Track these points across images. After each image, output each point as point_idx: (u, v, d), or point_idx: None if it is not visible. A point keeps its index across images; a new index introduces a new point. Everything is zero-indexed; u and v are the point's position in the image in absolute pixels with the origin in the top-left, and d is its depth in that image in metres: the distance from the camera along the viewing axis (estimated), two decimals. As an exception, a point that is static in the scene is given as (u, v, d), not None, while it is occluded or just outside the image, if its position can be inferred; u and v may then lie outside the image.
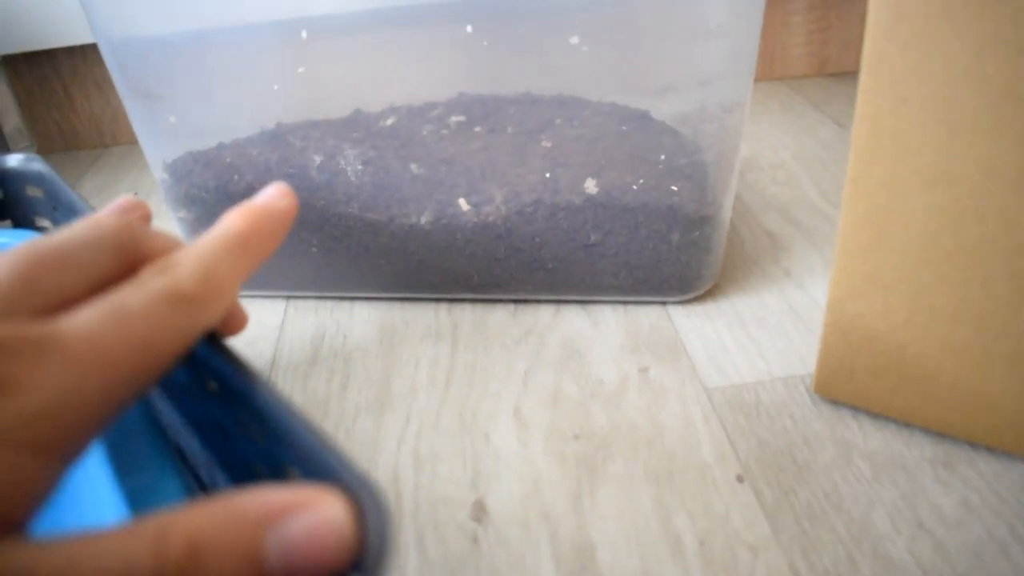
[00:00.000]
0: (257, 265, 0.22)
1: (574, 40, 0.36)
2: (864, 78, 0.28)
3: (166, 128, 0.43)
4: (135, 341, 0.17)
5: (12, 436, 0.15)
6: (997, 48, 0.25)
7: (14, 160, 0.37)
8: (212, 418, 0.23)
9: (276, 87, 0.43)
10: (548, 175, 0.39)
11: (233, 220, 0.22)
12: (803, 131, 0.62)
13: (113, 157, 0.71)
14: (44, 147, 0.72)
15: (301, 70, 0.41)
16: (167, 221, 0.57)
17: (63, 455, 0.16)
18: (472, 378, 0.39)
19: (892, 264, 0.31)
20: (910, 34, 0.27)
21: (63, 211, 0.34)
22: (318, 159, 0.41)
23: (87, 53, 0.69)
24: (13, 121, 0.56)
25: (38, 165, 0.36)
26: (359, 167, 0.40)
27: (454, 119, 0.45)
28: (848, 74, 0.73)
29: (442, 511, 0.32)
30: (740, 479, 0.32)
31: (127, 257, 0.20)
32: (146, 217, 0.25)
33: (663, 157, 0.38)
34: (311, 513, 0.15)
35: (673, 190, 0.38)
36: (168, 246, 0.21)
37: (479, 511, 0.32)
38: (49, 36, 0.66)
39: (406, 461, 0.34)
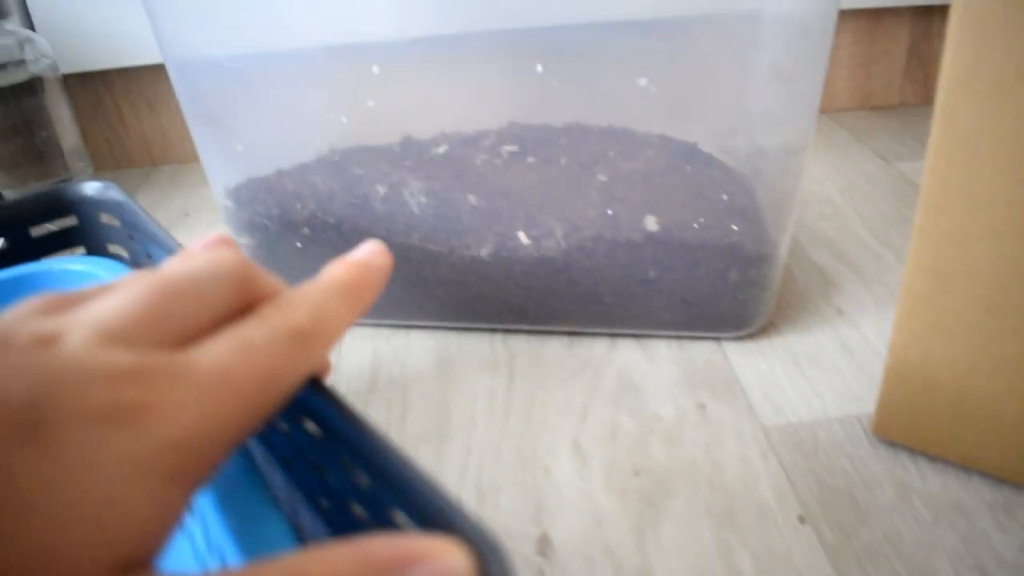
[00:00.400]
0: (359, 316, 0.23)
1: (642, 82, 0.37)
2: (936, 131, 0.29)
3: (231, 155, 0.44)
4: (260, 374, 0.18)
5: (150, 464, 0.16)
6: (1073, 106, 0.26)
7: (91, 188, 0.38)
8: (304, 455, 0.24)
9: (341, 117, 0.44)
10: (610, 211, 0.40)
11: (339, 270, 0.23)
12: (847, 165, 0.63)
13: (163, 176, 0.72)
14: (94, 165, 0.73)
15: (371, 104, 0.42)
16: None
17: (193, 485, 0.17)
18: (530, 410, 0.39)
19: (957, 312, 0.31)
20: (985, 89, 0.27)
21: (142, 239, 0.35)
22: (382, 190, 0.42)
23: (140, 74, 0.70)
24: (72, 140, 0.58)
25: (115, 193, 0.37)
26: (422, 199, 0.41)
27: (507, 149, 0.46)
28: (891, 108, 0.74)
29: (507, 545, 0.32)
30: (801, 519, 0.33)
31: (245, 293, 0.21)
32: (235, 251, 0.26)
33: (725, 197, 0.38)
34: (438, 563, 0.16)
35: (733, 229, 0.39)
36: (277, 286, 0.22)
37: (544, 545, 0.32)
38: (105, 57, 0.67)
39: (469, 493, 0.35)
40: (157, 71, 0.70)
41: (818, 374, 0.40)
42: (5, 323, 0.18)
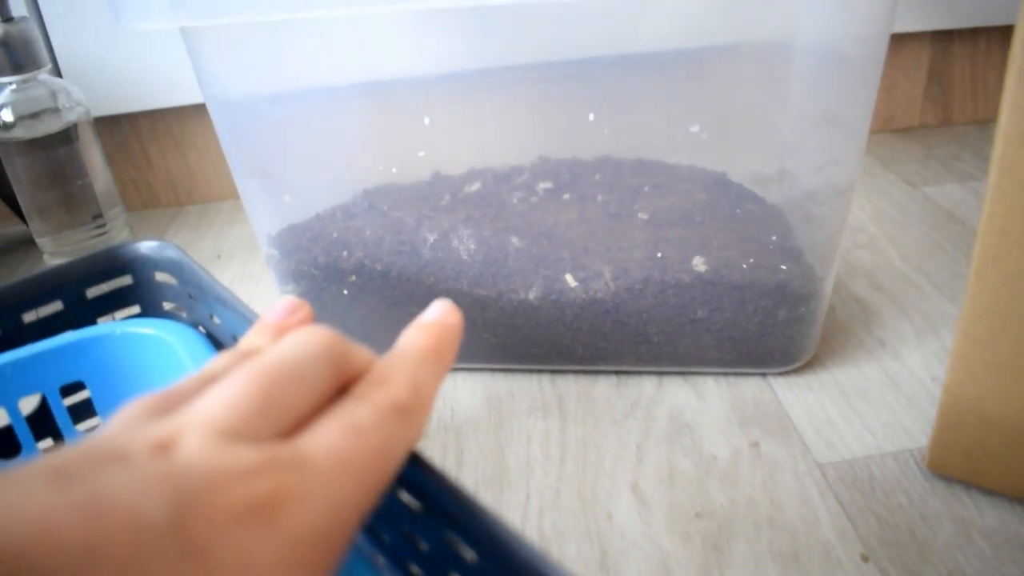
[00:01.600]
0: (444, 378, 0.23)
1: (695, 128, 0.37)
2: (995, 179, 0.29)
3: (277, 203, 0.45)
4: (373, 453, 0.18)
5: (293, 559, 0.16)
6: None
7: (145, 247, 0.38)
8: (399, 529, 0.24)
9: (375, 160, 0.45)
10: (659, 254, 0.40)
11: (421, 336, 0.23)
12: (876, 192, 0.63)
13: (190, 216, 0.72)
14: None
15: (421, 154, 0.42)
16: (261, 289, 0.59)
17: (330, 568, 0.17)
18: (586, 453, 0.40)
19: (1013, 353, 0.32)
20: (1046, 141, 0.28)
21: (205, 300, 0.35)
22: (431, 238, 0.42)
23: (166, 115, 0.71)
24: (104, 185, 0.58)
25: (172, 252, 0.37)
26: (472, 246, 0.42)
27: (541, 186, 0.46)
28: (911, 130, 0.74)
29: (577, 593, 0.33)
30: (865, 558, 0.33)
31: (343, 370, 0.21)
32: (310, 317, 0.27)
33: (774, 238, 0.39)
34: None
35: (782, 269, 0.39)
36: (368, 358, 0.22)
37: (613, 593, 0.33)
38: (132, 100, 0.68)
39: (533, 540, 0.35)
40: (182, 112, 0.71)
41: (867, 408, 0.41)
42: (116, 433, 0.18)
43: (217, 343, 0.35)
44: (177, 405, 0.19)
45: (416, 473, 0.22)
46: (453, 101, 0.44)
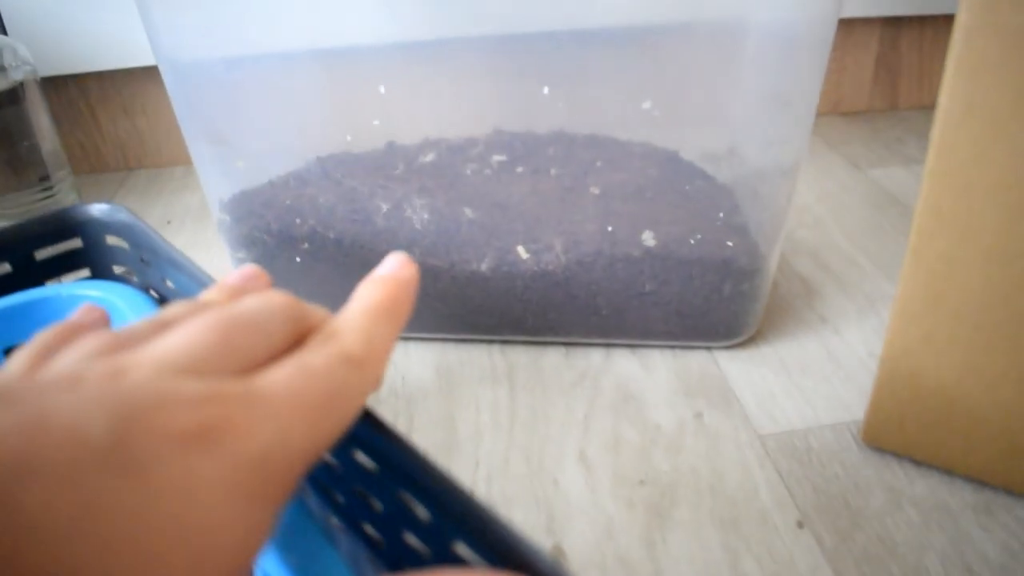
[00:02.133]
0: (399, 332, 0.24)
1: (646, 105, 0.38)
2: (932, 161, 0.31)
3: (230, 169, 0.45)
4: (323, 395, 0.19)
5: (235, 484, 0.16)
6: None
7: (96, 210, 0.38)
8: (347, 484, 0.25)
9: (328, 127, 0.45)
10: (610, 228, 0.41)
11: (374, 291, 0.24)
12: (822, 173, 0.65)
13: (140, 181, 0.71)
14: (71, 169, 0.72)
15: (376, 123, 0.42)
16: (213, 255, 0.58)
17: (276, 504, 0.17)
18: (534, 422, 0.40)
19: (947, 328, 0.33)
20: (980, 126, 0.29)
21: (159, 264, 0.35)
22: (385, 207, 0.42)
23: (116, 77, 0.70)
24: (51, 147, 0.57)
25: (123, 215, 0.37)
26: (425, 216, 0.42)
27: (496, 158, 0.46)
28: (859, 114, 0.76)
29: (523, 556, 0.34)
30: (800, 525, 0.35)
31: (299, 327, 0.21)
32: (268, 285, 0.27)
33: (721, 214, 0.40)
34: None
35: (728, 245, 0.40)
36: (323, 317, 0.23)
37: (558, 556, 0.34)
38: (80, 61, 0.67)
39: (481, 505, 0.36)
40: (132, 74, 0.69)
41: (807, 382, 0.42)
42: (71, 361, 0.18)
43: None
44: (131, 344, 0.19)
45: (370, 432, 0.22)
46: (409, 70, 0.44)
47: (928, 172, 0.31)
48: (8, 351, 0.34)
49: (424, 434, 0.40)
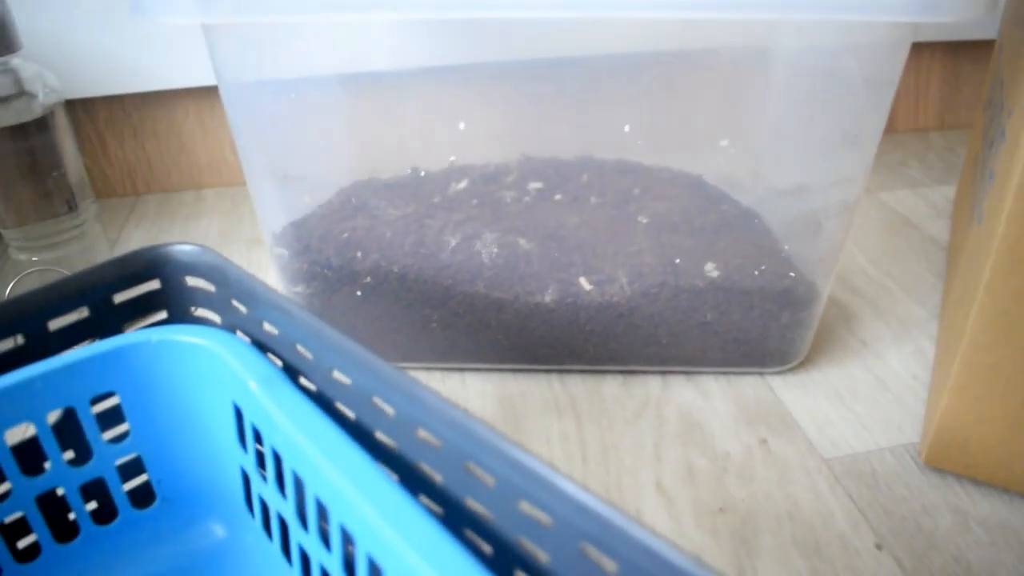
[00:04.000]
0: None
1: (724, 143, 0.39)
2: (1013, 203, 0.32)
3: (290, 203, 0.45)
4: None
5: None
6: None
7: (179, 251, 0.38)
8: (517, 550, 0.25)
9: (367, 152, 0.45)
10: (678, 260, 0.42)
11: None
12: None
13: (150, 206, 0.71)
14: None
15: (407, 148, 0.43)
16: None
17: None
18: (605, 453, 0.41)
19: (1014, 359, 0.35)
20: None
21: (258, 307, 0.34)
22: (453, 241, 0.43)
23: (124, 101, 0.69)
24: (77, 175, 0.56)
25: (210, 257, 0.37)
26: (495, 250, 0.43)
27: (532, 186, 0.47)
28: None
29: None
30: (879, 547, 0.36)
31: None
32: None
33: (787, 247, 0.41)
34: None
35: (791, 276, 0.42)
36: None
37: (656, 586, 0.35)
38: (90, 85, 0.66)
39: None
40: (141, 99, 0.69)
41: (859, 406, 0.44)
42: None
43: (269, 351, 0.35)
44: None
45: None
46: (432, 95, 0.45)
47: (1008, 213, 0.33)
48: (94, 400, 0.34)
49: (500, 467, 0.41)
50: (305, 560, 0.31)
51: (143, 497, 0.36)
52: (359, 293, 0.45)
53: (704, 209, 0.45)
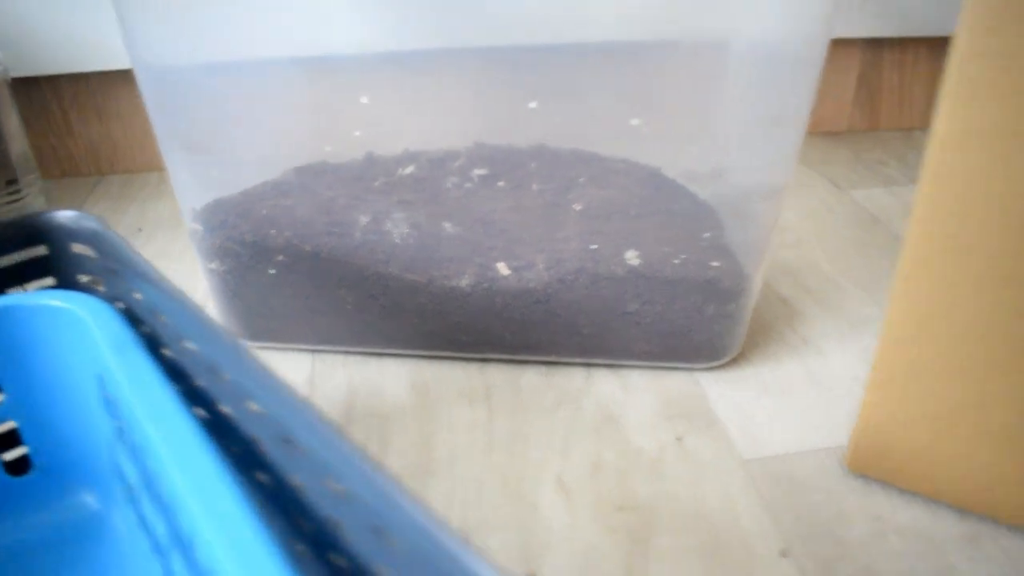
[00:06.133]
0: None
1: (635, 122, 0.37)
2: (925, 186, 0.30)
3: (204, 178, 0.43)
4: None
5: None
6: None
7: (64, 216, 0.37)
8: (321, 513, 0.24)
9: (306, 137, 0.44)
10: (595, 246, 0.40)
11: None
12: (805, 192, 0.64)
13: (112, 186, 0.70)
14: (39, 173, 0.71)
15: (357, 134, 0.41)
16: (185, 265, 0.57)
17: None
18: (512, 444, 0.39)
19: (936, 354, 0.33)
20: (976, 151, 0.28)
21: (128, 275, 0.33)
22: (364, 220, 0.41)
23: (90, 80, 0.68)
24: (20, 146, 0.56)
25: (92, 223, 0.36)
26: (405, 230, 0.41)
27: (476, 172, 0.46)
28: (839, 134, 0.76)
29: (499, 584, 0.33)
30: (784, 554, 0.34)
31: None
32: None
33: (707, 235, 0.39)
34: None
35: (713, 265, 0.39)
36: None
37: (535, 584, 0.33)
38: (54, 62, 0.65)
39: (456, 529, 0.35)
40: (107, 77, 0.68)
41: (789, 405, 0.42)
42: None
43: (136, 319, 0.34)
44: None
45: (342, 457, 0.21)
46: (391, 81, 0.44)
47: (921, 196, 0.30)
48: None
49: (399, 454, 0.39)
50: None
51: (20, 466, 0.35)
52: (272, 271, 0.43)
53: (648, 200, 0.43)
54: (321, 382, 0.44)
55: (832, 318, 0.48)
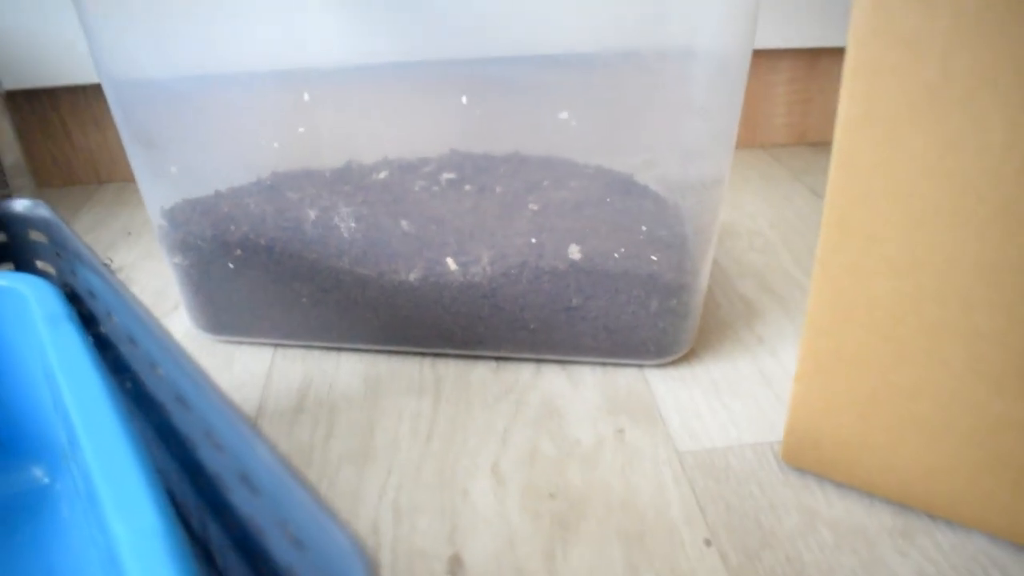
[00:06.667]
0: None
1: (563, 115, 0.38)
2: (834, 171, 0.30)
3: (166, 176, 0.45)
4: None
5: None
6: (959, 148, 0.27)
7: (20, 205, 0.38)
8: (210, 469, 0.24)
9: (274, 142, 0.45)
10: (534, 240, 0.40)
11: None
12: (781, 199, 0.64)
13: (108, 194, 0.72)
14: (40, 182, 0.73)
15: (301, 130, 0.42)
16: (165, 266, 0.58)
17: None
18: (453, 433, 0.40)
19: (857, 342, 0.33)
20: (879, 133, 0.28)
21: (68, 258, 0.35)
22: (313, 214, 0.42)
23: (87, 91, 0.70)
24: (13, 156, 0.58)
25: (43, 211, 0.37)
26: (352, 224, 0.42)
27: (445, 176, 0.46)
28: (826, 144, 0.76)
29: (419, 564, 0.33)
30: (708, 543, 0.34)
31: None
32: None
33: (644, 228, 0.40)
34: None
35: (653, 259, 0.40)
36: None
37: (455, 565, 0.33)
38: (53, 74, 0.67)
39: (386, 514, 0.35)
40: (103, 89, 0.70)
41: (735, 402, 0.42)
42: None
43: (77, 299, 0.35)
44: None
45: (212, 410, 0.22)
46: (371, 94, 0.45)
47: (831, 181, 0.31)
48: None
49: (340, 441, 0.40)
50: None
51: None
52: (231, 265, 0.44)
53: (602, 200, 0.43)
54: (278, 374, 0.45)
55: (791, 319, 0.48)
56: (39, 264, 0.39)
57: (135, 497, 0.22)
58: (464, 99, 0.39)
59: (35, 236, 0.38)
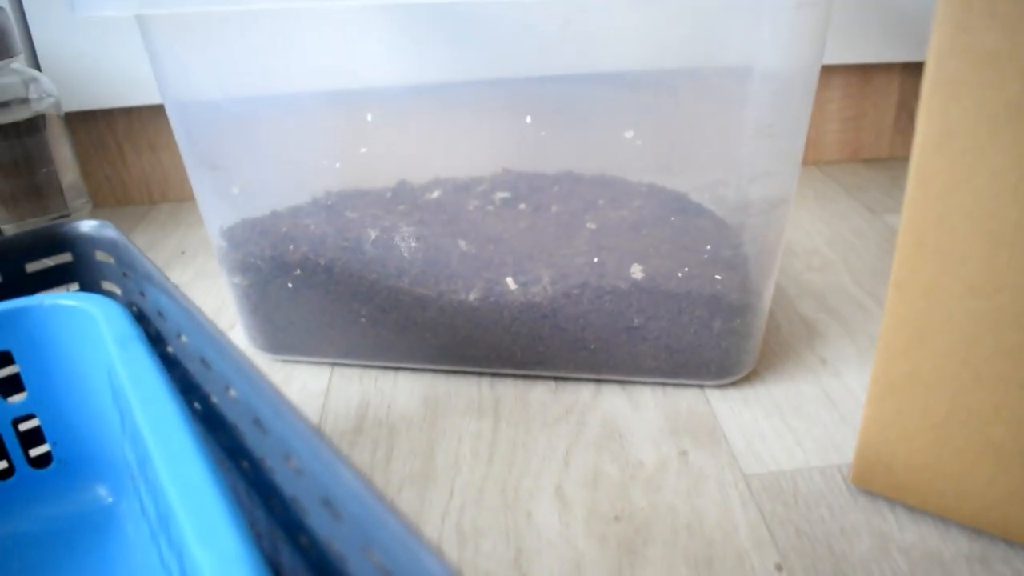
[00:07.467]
0: None
1: (629, 134, 0.38)
2: (911, 190, 0.30)
3: (227, 196, 0.45)
4: None
5: None
6: (1041, 167, 0.27)
7: (86, 226, 0.39)
8: (287, 492, 0.24)
9: (336, 162, 0.45)
10: (596, 259, 0.40)
11: None
12: (836, 217, 0.64)
13: (161, 214, 0.73)
14: (95, 202, 0.74)
15: (364, 150, 0.43)
16: (220, 285, 0.59)
17: None
18: (514, 455, 0.40)
19: (932, 364, 0.32)
20: (959, 150, 0.28)
21: (135, 278, 0.35)
22: (373, 234, 0.42)
23: (142, 114, 0.71)
24: (72, 176, 0.59)
25: (110, 231, 0.38)
26: (412, 244, 0.42)
27: (499, 195, 0.46)
28: (880, 161, 0.75)
29: (486, 588, 0.33)
30: (779, 568, 0.33)
31: None
32: None
33: (709, 247, 0.39)
34: None
35: (717, 279, 0.39)
36: None
37: (522, 590, 0.33)
38: (109, 96, 0.69)
39: (450, 536, 0.35)
40: (159, 111, 0.71)
41: (800, 423, 0.41)
42: None
43: (145, 319, 0.36)
44: None
45: (296, 437, 0.22)
46: (424, 113, 0.45)
47: (908, 201, 0.30)
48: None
49: (401, 462, 0.39)
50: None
51: (42, 458, 0.36)
52: (290, 285, 0.45)
53: (662, 219, 0.43)
54: (336, 393, 0.45)
55: (853, 339, 0.47)
56: (104, 284, 0.39)
57: (216, 522, 0.22)
58: (528, 119, 0.39)
59: (101, 256, 0.39)
